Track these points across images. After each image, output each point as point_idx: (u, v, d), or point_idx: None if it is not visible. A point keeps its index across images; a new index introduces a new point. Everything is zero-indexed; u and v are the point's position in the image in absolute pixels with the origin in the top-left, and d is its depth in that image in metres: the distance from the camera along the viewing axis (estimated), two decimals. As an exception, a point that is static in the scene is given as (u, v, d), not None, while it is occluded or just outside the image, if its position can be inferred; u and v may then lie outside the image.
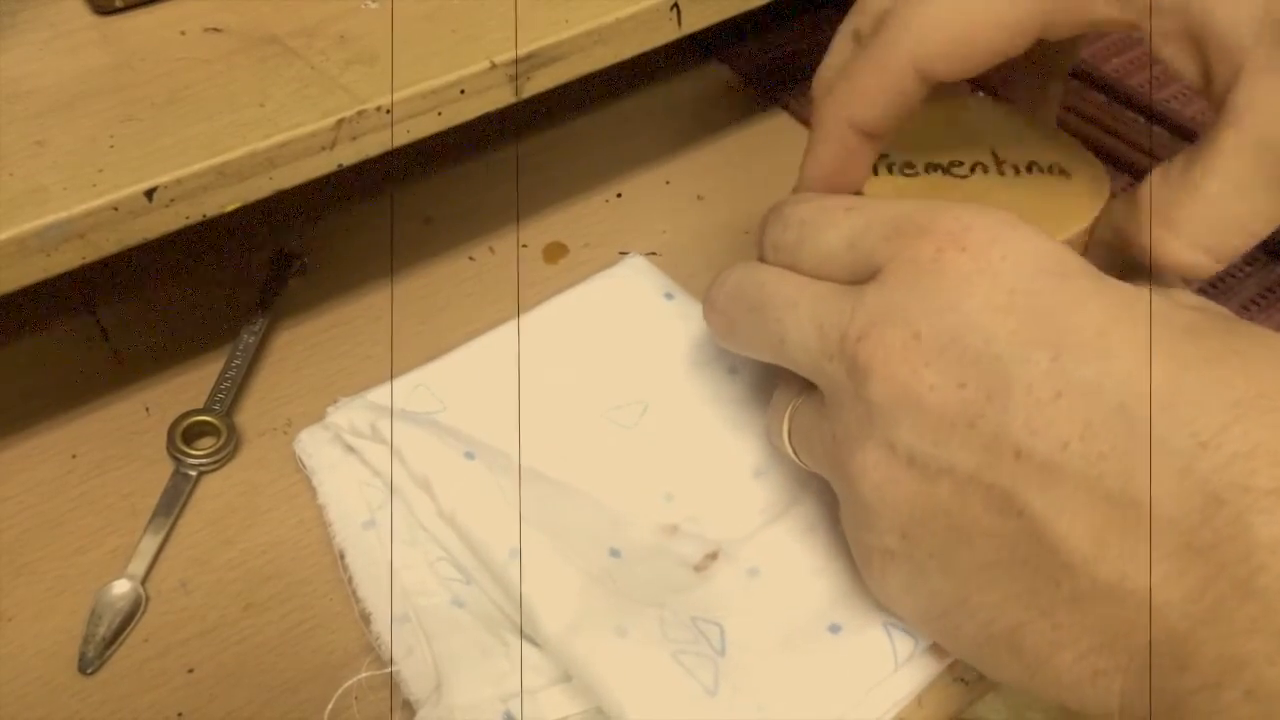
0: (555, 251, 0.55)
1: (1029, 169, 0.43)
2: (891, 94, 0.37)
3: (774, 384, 0.46)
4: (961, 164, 0.43)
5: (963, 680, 0.40)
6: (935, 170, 0.43)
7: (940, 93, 0.40)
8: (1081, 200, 0.41)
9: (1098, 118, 0.61)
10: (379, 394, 0.46)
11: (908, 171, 0.43)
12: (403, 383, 0.46)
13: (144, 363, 0.50)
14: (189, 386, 0.49)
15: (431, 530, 0.42)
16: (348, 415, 0.44)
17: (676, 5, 0.44)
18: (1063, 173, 0.42)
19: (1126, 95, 0.62)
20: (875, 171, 0.42)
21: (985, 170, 0.43)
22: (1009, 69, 0.39)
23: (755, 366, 0.47)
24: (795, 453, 0.39)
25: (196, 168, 0.37)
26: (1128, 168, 0.58)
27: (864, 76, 0.37)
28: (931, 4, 0.36)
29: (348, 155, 0.40)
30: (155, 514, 0.44)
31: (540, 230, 0.56)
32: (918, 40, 0.36)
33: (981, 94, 0.47)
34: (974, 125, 0.44)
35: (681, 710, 0.36)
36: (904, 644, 0.38)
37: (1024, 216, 0.37)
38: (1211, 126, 0.34)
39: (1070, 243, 0.40)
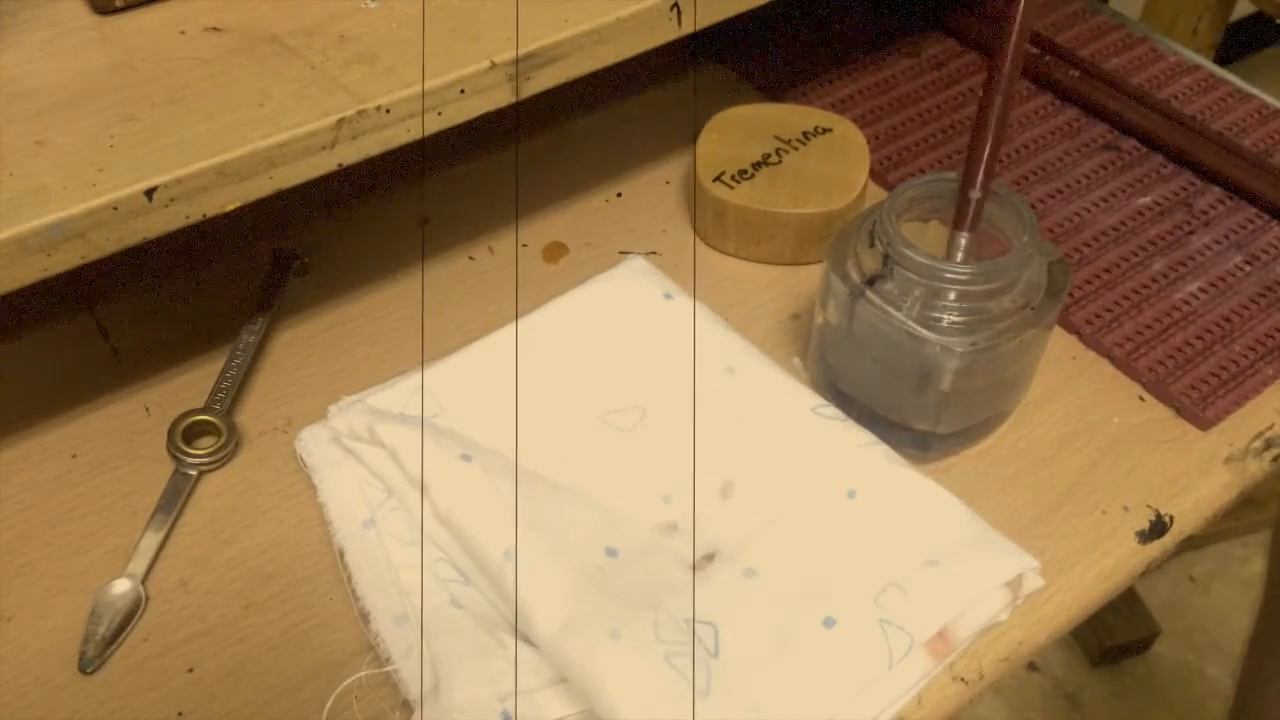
0: (555, 251, 0.55)
1: (805, 137, 0.55)
2: None
3: (771, 385, 0.46)
4: (769, 154, 0.54)
5: (962, 680, 0.40)
6: (760, 166, 0.54)
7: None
8: (853, 140, 0.55)
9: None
10: (378, 398, 0.46)
11: (745, 177, 0.53)
12: (401, 387, 0.46)
13: (144, 362, 0.50)
14: (189, 386, 0.49)
15: (429, 532, 0.42)
16: (347, 420, 0.44)
17: (676, 5, 0.44)
18: (827, 130, 0.55)
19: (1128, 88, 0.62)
20: (731, 186, 0.53)
21: (784, 150, 0.55)
22: None
23: (753, 366, 0.47)
24: None
25: (196, 167, 0.37)
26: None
27: None
28: None
29: (348, 155, 0.40)
30: (155, 513, 0.44)
31: (540, 230, 0.56)
32: None
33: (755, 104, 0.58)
34: (753, 126, 0.56)
35: (673, 712, 0.36)
36: (900, 641, 0.38)
37: (828, 163, 0.53)
38: None
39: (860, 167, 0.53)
